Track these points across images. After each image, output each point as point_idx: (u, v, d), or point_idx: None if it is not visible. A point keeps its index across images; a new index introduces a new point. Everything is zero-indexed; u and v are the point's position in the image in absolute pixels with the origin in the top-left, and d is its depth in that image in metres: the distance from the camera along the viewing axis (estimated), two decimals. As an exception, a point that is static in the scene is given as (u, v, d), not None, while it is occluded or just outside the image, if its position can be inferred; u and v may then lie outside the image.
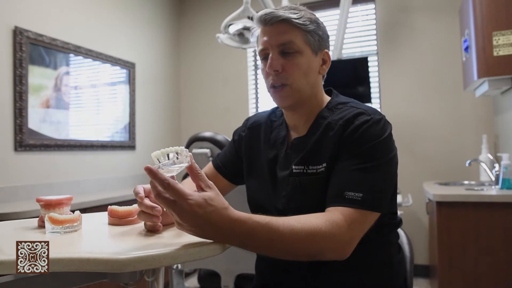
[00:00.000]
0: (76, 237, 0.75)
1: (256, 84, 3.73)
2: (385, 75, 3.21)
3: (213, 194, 0.68)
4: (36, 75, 2.48)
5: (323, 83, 1.02)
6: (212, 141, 1.58)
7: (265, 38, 0.94)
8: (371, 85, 3.11)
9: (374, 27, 3.29)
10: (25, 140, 2.38)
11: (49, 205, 0.82)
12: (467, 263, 2.01)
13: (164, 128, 3.72)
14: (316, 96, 0.99)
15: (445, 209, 2.09)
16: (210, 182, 0.70)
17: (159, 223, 0.77)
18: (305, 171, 0.91)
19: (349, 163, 0.85)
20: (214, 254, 0.66)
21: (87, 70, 2.90)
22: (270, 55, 0.93)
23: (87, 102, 2.90)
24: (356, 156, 0.85)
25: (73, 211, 0.84)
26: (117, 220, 0.84)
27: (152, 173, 0.64)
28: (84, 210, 2.23)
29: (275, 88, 0.94)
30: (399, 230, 1.11)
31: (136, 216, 0.85)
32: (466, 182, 2.75)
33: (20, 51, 2.36)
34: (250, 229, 0.68)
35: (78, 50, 2.78)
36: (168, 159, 0.67)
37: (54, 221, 0.76)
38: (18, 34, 2.36)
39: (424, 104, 3.10)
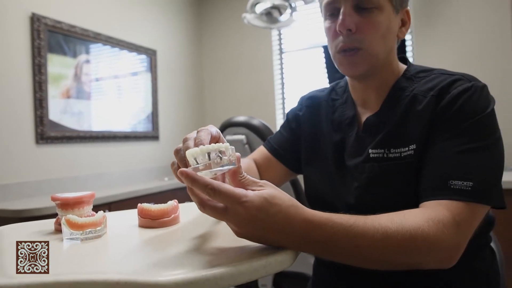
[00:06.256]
0: (100, 246, 0.59)
1: (281, 69, 3.52)
2: (421, 57, 2.93)
3: (272, 190, 0.51)
4: (56, 64, 2.36)
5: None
6: (248, 126, 1.40)
7: None
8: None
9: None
10: (47, 132, 2.27)
11: (66, 205, 0.66)
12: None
13: (188, 117, 3.57)
14: (392, 64, 0.80)
15: (505, 198, 1.86)
16: (263, 181, 0.53)
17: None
18: (385, 155, 0.73)
19: (449, 145, 0.66)
20: (285, 267, 0.49)
21: (108, 58, 2.77)
22: (342, 10, 0.74)
23: (108, 91, 2.78)
24: (457, 135, 0.66)
25: (96, 211, 0.68)
26: (150, 222, 0.68)
27: (190, 178, 0.48)
28: (110, 204, 2.11)
29: (346, 52, 0.75)
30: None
31: (172, 216, 0.69)
32: (517, 167, 2.49)
33: (38, 38, 2.24)
34: (331, 234, 0.51)
35: (98, 37, 2.65)
36: (209, 159, 0.51)
37: (73, 225, 0.60)
38: (35, 21, 2.24)
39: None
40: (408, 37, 3.00)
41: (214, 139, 0.59)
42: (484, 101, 0.69)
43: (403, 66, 0.83)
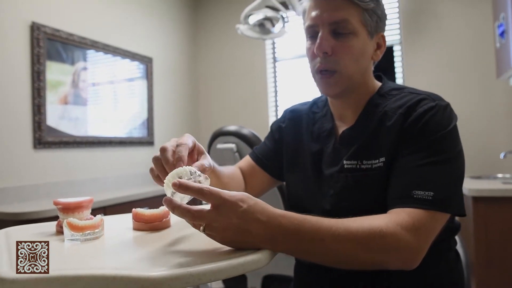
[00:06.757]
0: (98, 246, 0.66)
1: (275, 77, 3.61)
2: (410, 66, 3.03)
3: (247, 193, 0.60)
4: (54, 71, 2.43)
5: (373, 68, 0.90)
6: (238, 135, 1.48)
7: (315, 13, 0.82)
8: (396, 76, 2.95)
9: (397, 15, 3.12)
10: (44, 137, 2.33)
11: (67, 209, 0.73)
12: (506, 261, 1.88)
13: (183, 123, 3.65)
14: (367, 83, 0.88)
15: (482, 204, 1.95)
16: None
17: None
18: (358, 166, 0.80)
19: (414, 158, 0.73)
20: (260, 266, 0.56)
21: (104, 65, 2.84)
22: (320, 34, 0.81)
23: (105, 98, 2.85)
24: (422, 149, 0.73)
25: (94, 215, 0.75)
26: (143, 225, 0.75)
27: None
28: (105, 208, 2.17)
29: (322, 74, 0.83)
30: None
31: (163, 220, 0.76)
32: (500, 175, 2.59)
33: (37, 46, 2.31)
34: (298, 224, 0.59)
35: (95, 45, 2.72)
36: (191, 175, 0.62)
37: (74, 228, 0.67)
38: (35, 29, 2.30)
39: (452, 95, 2.88)
40: (397, 47, 3.10)
41: (191, 150, 0.69)
42: (447, 119, 0.76)
43: (378, 84, 0.90)
